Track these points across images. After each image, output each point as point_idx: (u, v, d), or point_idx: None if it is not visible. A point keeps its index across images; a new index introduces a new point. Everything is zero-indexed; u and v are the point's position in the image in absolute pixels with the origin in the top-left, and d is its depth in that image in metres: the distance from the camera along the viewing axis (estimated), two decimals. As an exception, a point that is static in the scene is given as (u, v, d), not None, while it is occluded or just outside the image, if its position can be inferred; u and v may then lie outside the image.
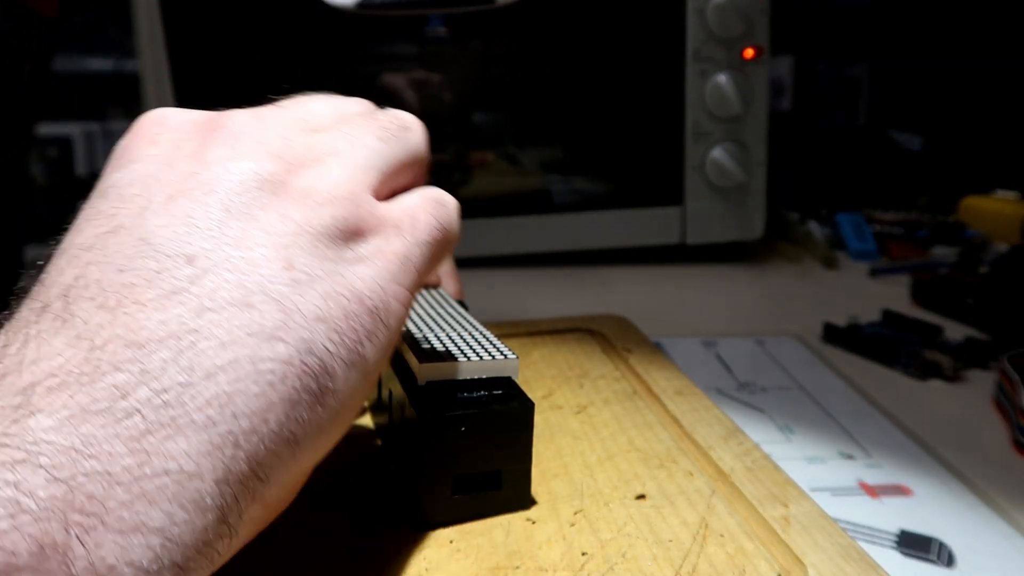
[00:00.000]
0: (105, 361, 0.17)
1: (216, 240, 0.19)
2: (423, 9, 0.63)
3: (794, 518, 0.26)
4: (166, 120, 0.22)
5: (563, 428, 0.33)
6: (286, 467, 0.18)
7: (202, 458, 0.16)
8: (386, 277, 0.21)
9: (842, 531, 0.25)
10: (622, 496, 0.27)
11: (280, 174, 0.21)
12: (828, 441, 0.38)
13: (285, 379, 0.18)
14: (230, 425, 0.17)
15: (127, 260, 0.18)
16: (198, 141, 0.21)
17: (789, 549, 0.24)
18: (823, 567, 0.23)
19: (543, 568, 0.23)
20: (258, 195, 0.20)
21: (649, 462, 0.30)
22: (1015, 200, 0.77)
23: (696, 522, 0.26)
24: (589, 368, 0.40)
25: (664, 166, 0.68)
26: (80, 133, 1.79)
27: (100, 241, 0.19)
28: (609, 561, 0.24)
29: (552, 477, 0.29)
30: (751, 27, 0.64)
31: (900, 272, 0.65)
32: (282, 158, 0.21)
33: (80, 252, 0.19)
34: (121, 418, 0.16)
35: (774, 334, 0.53)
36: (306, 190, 0.21)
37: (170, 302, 0.18)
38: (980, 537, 0.30)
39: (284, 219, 0.20)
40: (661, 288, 0.66)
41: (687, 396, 0.36)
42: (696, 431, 0.32)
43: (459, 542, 0.25)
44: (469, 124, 0.68)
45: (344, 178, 0.22)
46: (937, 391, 0.44)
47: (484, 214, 0.68)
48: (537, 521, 0.26)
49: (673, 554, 0.24)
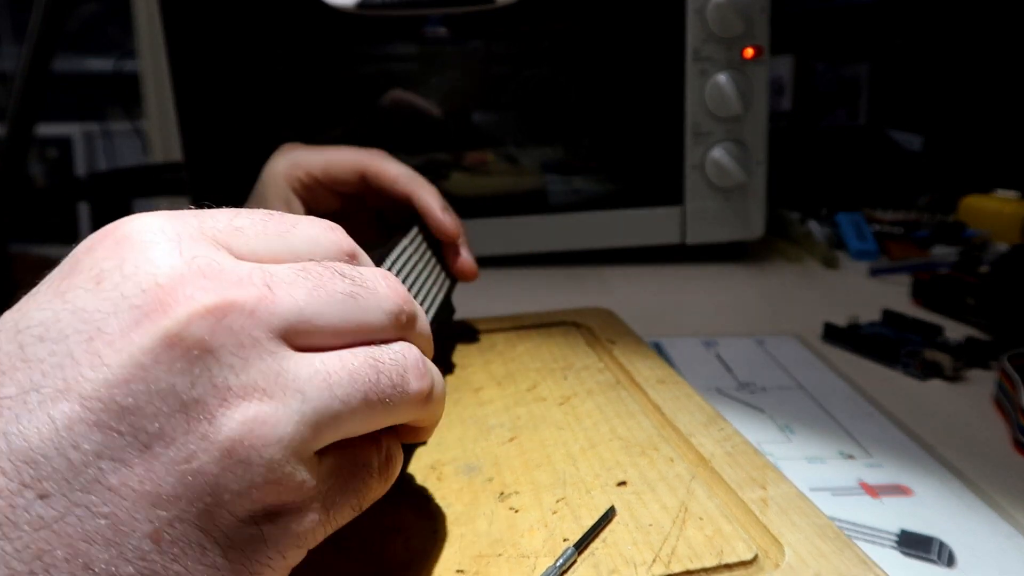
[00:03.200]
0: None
1: (79, 477, 0.15)
2: (423, 9, 0.63)
3: (772, 500, 0.27)
4: (131, 246, 0.18)
5: (547, 419, 0.33)
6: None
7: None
8: (280, 562, 0.18)
9: (819, 511, 0.26)
10: (604, 484, 0.28)
11: (211, 404, 0.17)
12: (828, 441, 0.38)
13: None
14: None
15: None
16: (138, 308, 0.17)
17: (767, 529, 0.25)
18: (799, 546, 0.24)
19: (525, 555, 0.24)
20: (165, 424, 0.16)
21: (631, 450, 0.30)
22: (1015, 200, 0.77)
23: (676, 506, 0.26)
24: (573, 360, 0.40)
25: (664, 166, 0.68)
26: (80, 133, 1.79)
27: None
28: (590, 546, 0.24)
29: (535, 467, 0.29)
30: (751, 27, 0.64)
31: (900, 272, 0.65)
32: (226, 382, 0.17)
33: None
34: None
35: (774, 334, 0.53)
36: (232, 435, 0.17)
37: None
38: (981, 537, 0.30)
39: (180, 476, 0.16)
40: (661, 288, 0.66)
41: (669, 384, 0.36)
42: (678, 418, 0.33)
43: (442, 531, 0.25)
44: (468, 124, 0.68)
45: (292, 435, 0.17)
46: (937, 391, 0.44)
47: (483, 214, 0.68)
48: (520, 510, 0.27)
49: (653, 538, 0.25)
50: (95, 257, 0.18)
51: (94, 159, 1.76)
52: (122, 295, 0.17)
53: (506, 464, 0.30)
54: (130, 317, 0.16)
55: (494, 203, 0.68)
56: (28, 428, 0.15)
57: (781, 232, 0.77)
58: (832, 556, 0.23)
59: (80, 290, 0.17)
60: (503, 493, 0.28)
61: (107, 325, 0.16)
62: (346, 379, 0.18)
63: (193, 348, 0.16)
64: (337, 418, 0.18)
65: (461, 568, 0.24)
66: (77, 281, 0.17)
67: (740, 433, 0.32)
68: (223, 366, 0.17)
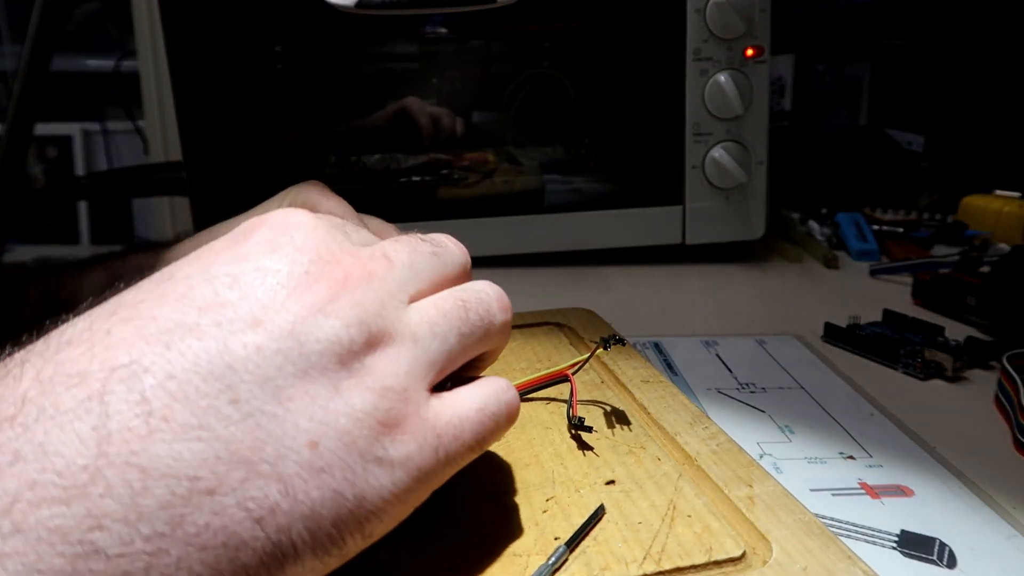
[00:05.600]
0: (102, 479, 0.17)
1: (263, 388, 0.19)
2: (423, 9, 0.63)
3: (758, 497, 0.27)
4: (297, 228, 0.22)
5: (533, 419, 0.34)
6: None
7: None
8: (396, 492, 0.20)
9: (804, 508, 0.26)
10: (592, 482, 0.28)
11: (357, 344, 0.21)
12: (829, 441, 0.38)
13: (239, 554, 0.18)
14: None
15: (182, 368, 0.19)
16: (310, 274, 0.21)
17: (754, 527, 0.25)
18: (786, 542, 0.24)
19: (517, 554, 0.24)
20: (327, 358, 0.20)
21: (618, 449, 0.31)
22: (1016, 200, 0.77)
23: (664, 504, 0.27)
24: (558, 360, 0.40)
25: (664, 166, 0.68)
26: (80, 133, 1.79)
27: (167, 337, 0.19)
28: (581, 544, 0.24)
29: (523, 467, 0.30)
30: (751, 26, 0.64)
31: (901, 272, 0.65)
32: (369, 329, 0.21)
33: (139, 332, 0.19)
34: (86, 553, 0.16)
35: (774, 334, 0.53)
36: (367, 369, 0.21)
37: (191, 436, 0.18)
38: (981, 537, 0.30)
39: (334, 394, 0.20)
40: (661, 288, 0.65)
41: (653, 384, 0.37)
42: (663, 418, 0.33)
43: (432, 532, 0.25)
44: (469, 124, 0.68)
45: (406, 370, 0.21)
46: (938, 391, 0.44)
47: (483, 214, 0.68)
48: (510, 509, 0.27)
49: (643, 535, 0.25)
50: (268, 234, 0.22)
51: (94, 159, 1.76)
52: (295, 261, 0.21)
53: (494, 464, 0.30)
54: (304, 279, 0.21)
55: (494, 203, 0.68)
56: (228, 348, 0.19)
57: (781, 232, 0.77)
58: (818, 552, 0.24)
59: (259, 255, 0.21)
60: (492, 493, 0.28)
61: (287, 281, 0.21)
62: (442, 319, 0.23)
63: (349, 304, 0.21)
64: (440, 352, 0.23)
65: (453, 568, 0.24)
66: (255, 249, 0.22)
67: (725, 432, 0.32)
68: (370, 315, 0.21)
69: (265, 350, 0.19)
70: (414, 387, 0.21)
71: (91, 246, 1.64)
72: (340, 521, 0.19)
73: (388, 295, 0.22)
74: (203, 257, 0.22)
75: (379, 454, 0.20)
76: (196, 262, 0.21)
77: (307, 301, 0.21)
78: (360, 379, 0.20)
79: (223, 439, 0.18)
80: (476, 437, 0.23)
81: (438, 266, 0.25)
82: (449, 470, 0.22)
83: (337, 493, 0.19)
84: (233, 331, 0.19)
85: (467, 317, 0.24)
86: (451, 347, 0.23)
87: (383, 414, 0.20)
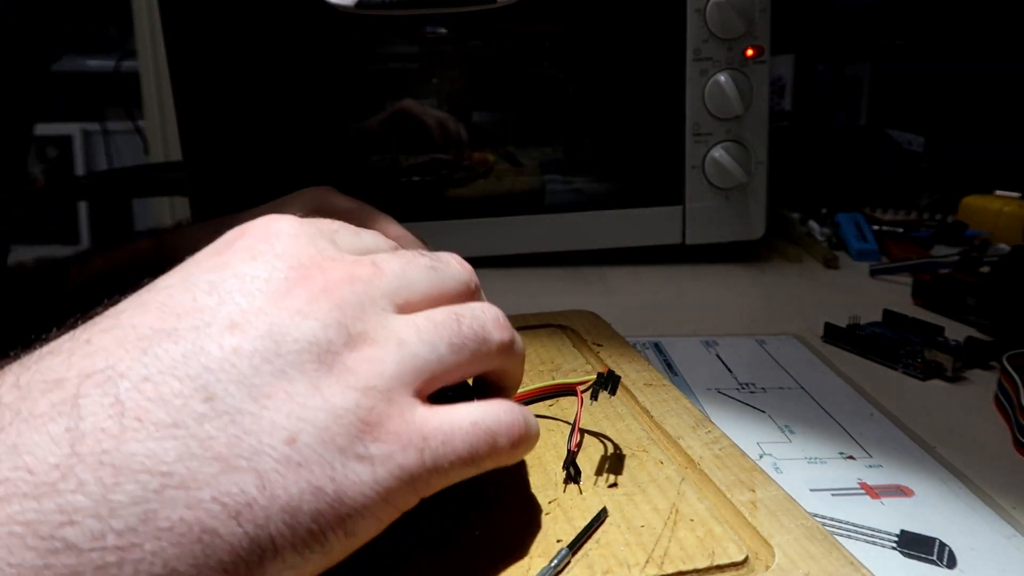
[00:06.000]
0: (76, 473, 0.17)
1: (239, 387, 0.19)
2: (423, 9, 0.63)
3: (761, 502, 0.27)
4: (278, 236, 0.23)
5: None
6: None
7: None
8: (378, 491, 0.20)
9: (806, 513, 0.26)
10: (595, 485, 0.28)
11: (336, 344, 0.21)
12: (829, 441, 0.38)
13: (216, 548, 0.18)
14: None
15: (158, 371, 0.19)
16: (289, 279, 0.22)
17: (756, 532, 0.25)
18: (789, 547, 0.24)
19: (518, 556, 0.24)
20: (305, 357, 0.20)
21: (621, 452, 0.31)
22: (1016, 200, 0.77)
23: (667, 508, 0.27)
24: (560, 362, 0.40)
25: (664, 166, 0.68)
26: (80, 133, 1.79)
27: (144, 343, 0.19)
28: (583, 547, 0.24)
29: (526, 469, 0.30)
30: (751, 26, 0.64)
31: (901, 272, 0.65)
32: (348, 330, 0.21)
33: (119, 340, 0.20)
34: (57, 548, 0.17)
35: (774, 334, 0.53)
36: (350, 370, 0.21)
37: (164, 434, 0.18)
38: (981, 537, 0.30)
39: (313, 392, 0.20)
40: (661, 288, 0.65)
41: (656, 388, 0.37)
42: (666, 421, 0.33)
43: (435, 536, 0.25)
44: (469, 124, 0.68)
45: (392, 372, 0.21)
46: (938, 391, 0.44)
47: (484, 214, 0.68)
48: (512, 511, 0.27)
49: (645, 539, 0.25)
50: (248, 242, 0.23)
51: (94, 159, 1.76)
52: (274, 267, 0.22)
53: None
54: (283, 284, 0.21)
55: (494, 203, 0.68)
56: (204, 350, 0.19)
57: (781, 232, 0.77)
58: (820, 557, 0.24)
59: (239, 262, 0.22)
60: (495, 495, 0.28)
61: (265, 286, 0.21)
62: (431, 328, 0.23)
63: (328, 307, 0.21)
64: (429, 359, 0.22)
65: (456, 570, 0.24)
66: (235, 257, 0.22)
67: (728, 436, 0.32)
68: (349, 318, 0.21)
69: (242, 351, 0.20)
70: (399, 390, 0.21)
71: (91, 246, 1.63)
72: (320, 516, 0.19)
73: (370, 300, 0.22)
74: (185, 267, 0.22)
75: (360, 451, 0.20)
76: (178, 272, 0.22)
77: (285, 304, 0.21)
78: (342, 378, 0.20)
79: (197, 436, 0.18)
80: (468, 448, 0.22)
81: (434, 280, 0.24)
82: (438, 477, 0.21)
83: (316, 488, 0.19)
84: (210, 334, 0.20)
85: (459, 330, 0.23)
86: (441, 355, 0.23)
87: (365, 412, 0.20)
